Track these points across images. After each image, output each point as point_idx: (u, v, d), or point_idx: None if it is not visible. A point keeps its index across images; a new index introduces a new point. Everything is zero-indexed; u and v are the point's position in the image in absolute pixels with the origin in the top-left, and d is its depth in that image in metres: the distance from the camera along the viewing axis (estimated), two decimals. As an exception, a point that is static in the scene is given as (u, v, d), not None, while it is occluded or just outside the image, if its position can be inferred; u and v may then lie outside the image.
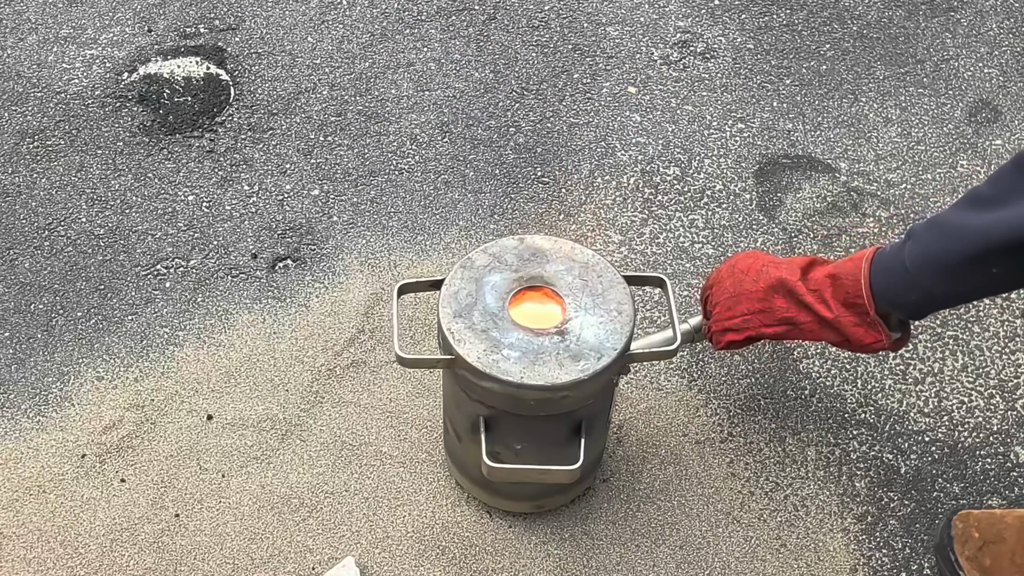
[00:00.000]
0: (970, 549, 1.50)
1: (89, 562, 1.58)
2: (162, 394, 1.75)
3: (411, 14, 2.31)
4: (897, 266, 1.30)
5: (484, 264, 1.43)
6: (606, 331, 1.36)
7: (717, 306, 1.51)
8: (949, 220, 1.23)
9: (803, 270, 1.44)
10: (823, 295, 1.40)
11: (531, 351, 1.34)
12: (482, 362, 1.33)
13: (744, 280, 1.48)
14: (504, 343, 1.34)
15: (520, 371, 1.32)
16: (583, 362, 1.33)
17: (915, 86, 2.21)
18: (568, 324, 1.37)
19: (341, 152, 2.08)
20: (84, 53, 2.22)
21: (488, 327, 1.36)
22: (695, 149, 2.10)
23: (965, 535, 1.51)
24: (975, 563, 1.49)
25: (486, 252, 1.44)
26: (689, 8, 2.34)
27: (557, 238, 1.46)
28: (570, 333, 1.36)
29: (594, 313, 1.38)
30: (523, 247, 1.45)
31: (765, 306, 1.45)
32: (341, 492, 1.65)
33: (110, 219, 1.97)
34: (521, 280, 1.41)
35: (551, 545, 1.60)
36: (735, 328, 1.48)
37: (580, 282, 1.41)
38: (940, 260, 1.24)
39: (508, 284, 1.41)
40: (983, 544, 1.49)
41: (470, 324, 1.36)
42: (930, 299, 1.31)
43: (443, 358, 1.38)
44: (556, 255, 1.44)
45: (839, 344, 1.43)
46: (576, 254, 1.44)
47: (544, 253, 1.44)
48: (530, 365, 1.33)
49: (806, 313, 1.42)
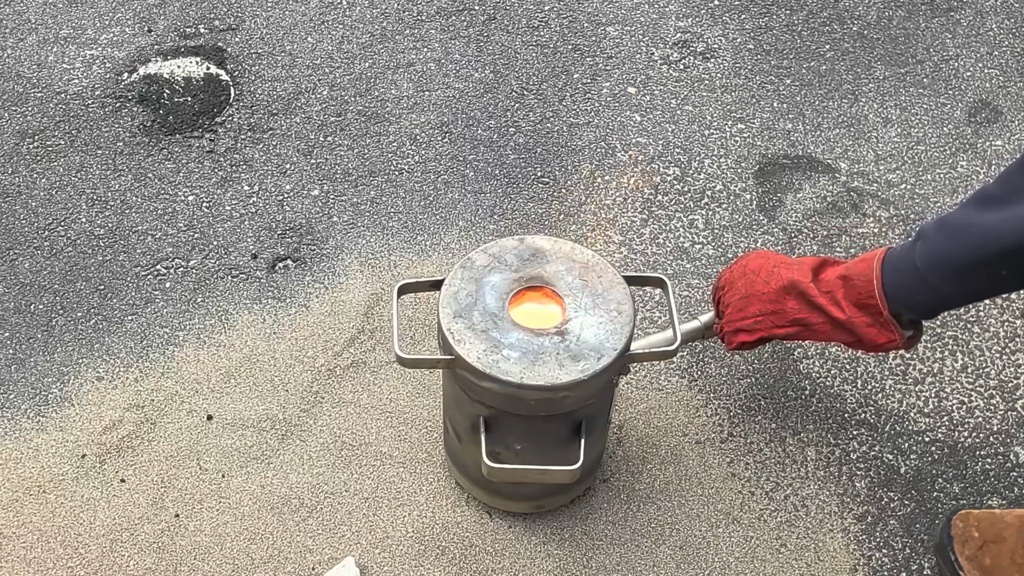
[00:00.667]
0: (970, 549, 1.50)
1: (89, 562, 1.58)
2: (162, 394, 1.75)
3: (411, 14, 2.31)
4: (907, 266, 1.30)
5: (484, 264, 1.43)
6: (606, 331, 1.36)
7: (729, 307, 1.51)
8: (958, 220, 1.23)
9: (814, 271, 1.44)
10: (835, 296, 1.40)
11: (531, 351, 1.34)
12: (482, 362, 1.33)
13: (755, 281, 1.48)
14: (504, 343, 1.34)
15: (520, 371, 1.32)
16: (583, 362, 1.33)
17: (915, 86, 2.21)
18: (568, 324, 1.37)
19: (341, 152, 2.08)
20: (84, 53, 2.22)
21: (488, 327, 1.36)
22: (695, 149, 2.10)
23: (965, 535, 1.51)
24: (975, 563, 1.49)
25: (486, 252, 1.44)
26: (689, 8, 2.34)
27: (557, 238, 1.46)
28: (570, 333, 1.36)
29: (594, 313, 1.38)
30: (523, 247, 1.45)
31: (777, 307, 1.45)
32: (341, 492, 1.65)
33: (110, 219, 1.97)
34: (521, 280, 1.41)
35: (551, 545, 1.60)
36: (747, 329, 1.49)
37: (580, 282, 1.41)
38: (949, 261, 1.24)
39: (508, 284, 1.41)
40: (983, 544, 1.49)
41: (470, 324, 1.36)
42: (940, 299, 1.31)
43: (443, 358, 1.38)
44: (556, 255, 1.44)
45: (851, 345, 1.43)
46: (576, 254, 1.44)
47: (544, 253, 1.44)
48: (530, 365, 1.33)
49: (819, 315, 1.42)
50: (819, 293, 1.41)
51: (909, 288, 1.32)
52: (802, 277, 1.43)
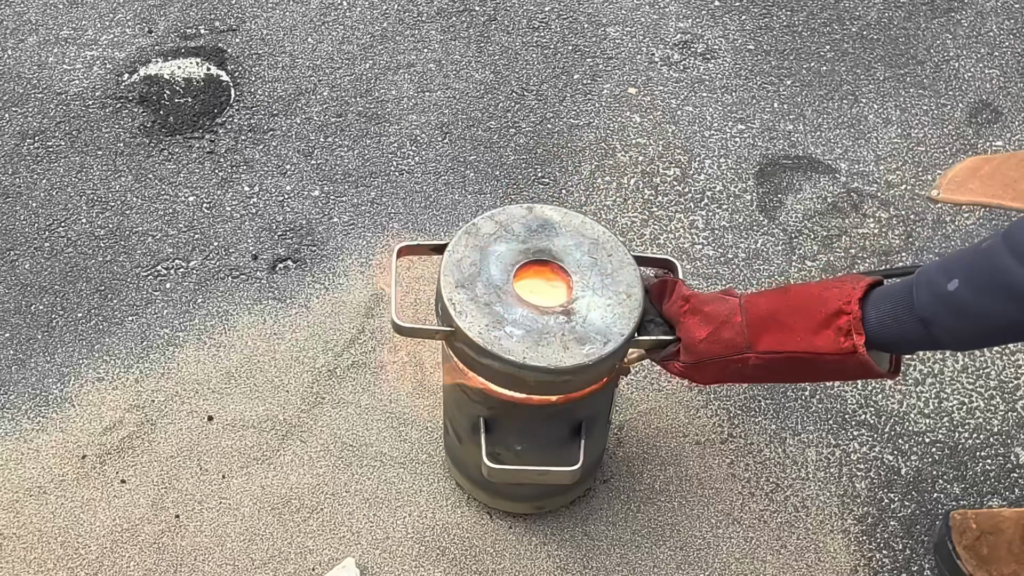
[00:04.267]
0: (968, 539, 1.50)
1: (89, 563, 1.58)
2: (162, 395, 1.75)
3: (411, 15, 2.31)
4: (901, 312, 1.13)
5: (490, 232, 1.36)
6: (613, 314, 1.30)
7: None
8: (992, 270, 1.03)
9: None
10: None
11: (535, 330, 1.28)
12: (483, 338, 1.27)
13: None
14: (508, 319, 1.28)
15: (523, 351, 1.26)
16: (588, 346, 1.27)
17: (915, 87, 2.21)
18: (575, 304, 1.31)
19: (341, 153, 2.08)
20: (84, 54, 2.22)
21: (491, 300, 1.29)
22: (695, 150, 2.10)
23: (963, 526, 1.52)
24: (972, 552, 1.50)
25: (492, 219, 1.37)
26: (689, 9, 2.34)
27: (568, 210, 1.39)
28: (576, 314, 1.30)
29: (602, 294, 1.32)
30: (531, 217, 1.38)
31: None
32: (341, 493, 1.65)
33: (110, 220, 1.97)
34: (528, 252, 1.34)
35: (551, 546, 1.60)
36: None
37: (589, 259, 1.34)
38: (982, 315, 1.06)
39: (514, 256, 1.34)
40: (981, 534, 1.50)
41: (473, 296, 1.30)
42: (937, 342, 1.13)
43: (442, 329, 1.32)
44: (565, 228, 1.37)
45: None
46: (586, 229, 1.37)
47: (553, 225, 1.37)
48: (533, 345, 1.26)
49: None
50: None
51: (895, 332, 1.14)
52: None
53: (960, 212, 2.01)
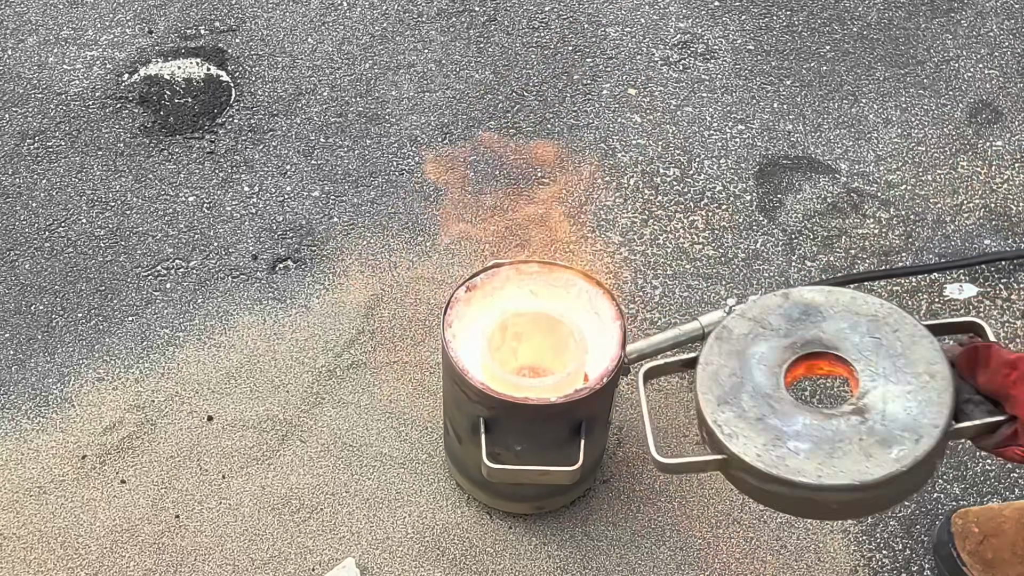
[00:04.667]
0: (971, 544, 1.50)
1: (89, 563, 1.58)
2: (162, 395, 1.75)
3: (411, 15, 2.31)
4: None
5: (744, 332, 1.18)
6: (918, 403, 1.10)
7: None
8: None
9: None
10: None
11: (824, 439, 1.09)
12: (764, 460, 1.08)
13: None
14: (788, 432, 1.10)
15: (816, 468, 1.06)
16: (896, 448, 1.07)
17: (915, 87, 2.21)
18: (866, 398, 1.11)
19: (342, 153, 2.08)
20: (84, 54, 2.22)
21: (764, 413, 1.11)
22: (695, 150, 2.10)
23: (965, 531, 1.51)
24: (977, 557, 1.50)
25: (744, 317, 1.19)
26: (689, 9, 2.34)
27: (831, 288, 1.21)
28: (871, 410, 1.10)
29: (897, 380, 1.12)
30: (789, 304, 1.19)
31: None
32: (341, 493, 1.65)
33: (110, 220, 1.97)
34: (795, 347, 1.16)
35: (551, 546, 1.60)
36: None
37: (871, 340, 1.15)
38: None
39: (779, 354, 1.16)
40: (983, 538, 1.49)
41: (740, 412, 1.12)
42: None
43: (713, 459, 1.12)
44: (833, 309, 1.18)
45: None
46: (859, 305, 1.18)
47: (817, 309, 1.18)
48: (827, 458, 1.07)
49: None
50: None
51: None
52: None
53: (960, 212, 2.01)
